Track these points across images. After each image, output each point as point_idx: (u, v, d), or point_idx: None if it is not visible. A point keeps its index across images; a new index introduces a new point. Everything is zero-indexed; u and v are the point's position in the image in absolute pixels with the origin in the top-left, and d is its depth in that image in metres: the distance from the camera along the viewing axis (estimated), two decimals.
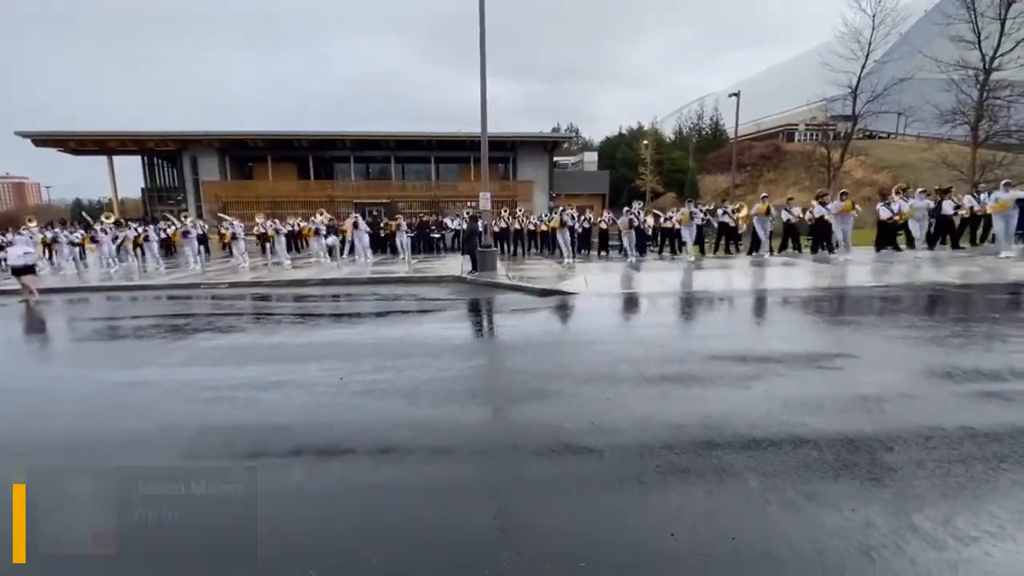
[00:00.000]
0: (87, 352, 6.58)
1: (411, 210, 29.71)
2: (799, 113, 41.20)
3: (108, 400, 4.46)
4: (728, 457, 2.98)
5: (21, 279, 10.43)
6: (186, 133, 30.86)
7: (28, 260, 10.60)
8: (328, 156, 34.07)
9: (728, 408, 3.67)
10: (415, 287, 10.87)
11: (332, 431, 3.54)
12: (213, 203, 30.53)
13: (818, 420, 3.43)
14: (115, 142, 30.77)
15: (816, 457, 2.95)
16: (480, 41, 11.66)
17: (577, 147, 56.99)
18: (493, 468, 3.04)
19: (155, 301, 10.11)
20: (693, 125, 51.04)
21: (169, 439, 3.50)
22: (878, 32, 24.88)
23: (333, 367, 4.96)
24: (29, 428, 3.93)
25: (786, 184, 35.36)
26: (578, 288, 9.26)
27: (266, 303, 9.51)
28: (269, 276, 12.74)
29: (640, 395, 4.07)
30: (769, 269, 11.14)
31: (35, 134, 28.78)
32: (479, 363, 5.31)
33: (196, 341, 6.40)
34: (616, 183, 41.04)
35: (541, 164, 34.18)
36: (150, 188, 35.14)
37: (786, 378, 4.30)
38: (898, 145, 36.25)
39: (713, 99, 48.67)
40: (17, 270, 10.44)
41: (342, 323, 7.55)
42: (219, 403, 4.19)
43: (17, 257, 10.45)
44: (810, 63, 33.20)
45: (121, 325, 7.96)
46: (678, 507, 2.53)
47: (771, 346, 5.28)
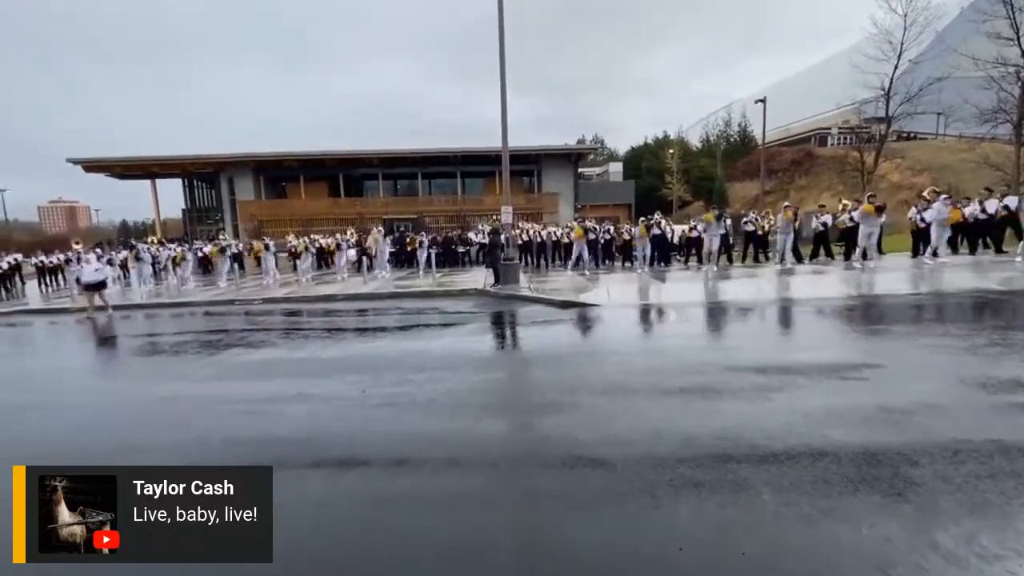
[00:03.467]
0: (128, 367, 6.93)
1: (437, 224, 30.14)
2: (830, 117, 40.24)
3: (143, 413, 4.68)
4: (743, 470, 2.93)
5: (93, 294, 11.15)
6: (223, 156, 32.18)
7: (100, 276, 11.34)
8: (357, 174, 34.96)
9: (746, 420, 3.61)
10: (438, 300, 11.02)
11: (351, 443, 3.63)
12: (249, 222, 31.69)
13: (839, 432, 3.34)
14: (157, 166, 32.36)
15: (835, 471, 2.87)
16: (500, 57, 11.88)
17: (602, 158, 56.92)
18: (505, 480, 3.07)
19: (192, 318, 10.55)
20: (720, 132, 50.39)
21: (197, 450, 3.66)
22: (910, 32, 24.20)
23: (355, 380, 5.09)
24: (68, 440, 4.16)
25: (819, 190, 34.42)
26: (599, 299, 9.23)
27: (295, 318, 9.80)
28: (299, 292, 13.12)
29: (657, 407, 4.04)
30: (796, 278, 10.87)
31: (85, 161, 30.50)
32: (497, 376, 5.35)
33: (228, 356, 6.64)
34: (643, 193, 40.75)
35: (566, 176, 34.28)
36: (190, 208, 36.73)
37: (808, 389, 4.19)
38: (937, 146, 34.90)
39: (740, 105, 47.98)
40: (90, 286, 11.14)
41: (366, 337, 7.72)
42: (246, 416, 4.35)
43: (91, 273, 11.17)
44: (840, 66, 32.45)
45: (159, 341, 8.33)
46: (689, 521, 2.51)
47: (794, 357, 5.16)
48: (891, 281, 9.44)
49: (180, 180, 35.81)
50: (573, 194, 34.23)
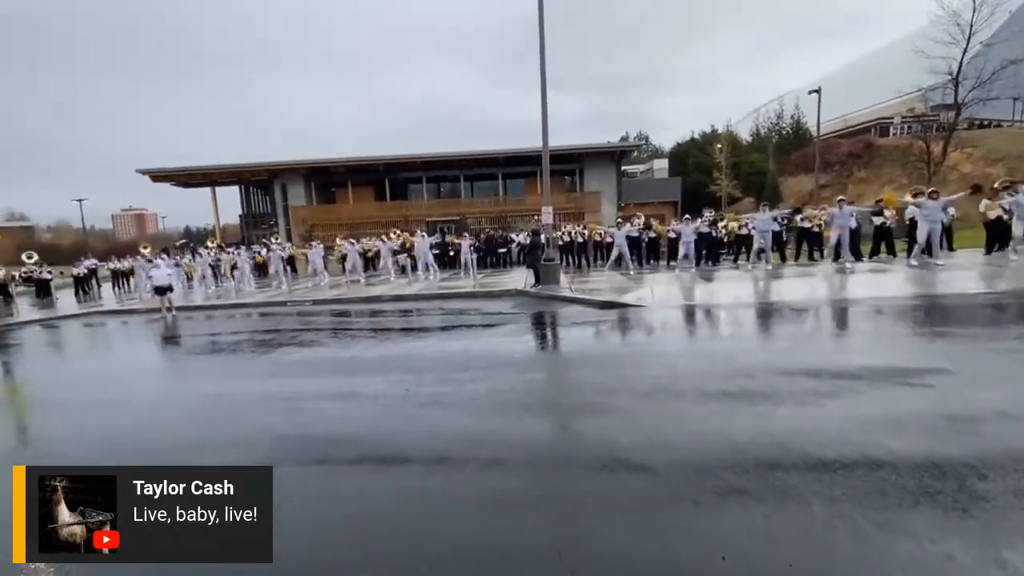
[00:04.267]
0: (187, 365, 7.38)
1: (479, 226, 30.39)
2: (892, 105, 37.87)
3: (199, 410, 4.98)
4: (792, 479, 2.82)
5: (163, 297, 11.94)
6: (276, 163, 33.66)
7: (171, 280, 12.14)
8: (402, 178, 35.73)
9: (796, 427, 3.47)
10: (479, 301, 11.13)
11: (394, 441, 3.73)
12: (301, 226, 33.00)
13: (899, 442, 3.15)
14: (217, 174, 34.16)
15: (894, 482, 2.72)
16: (540, 56, 11.87)
17: (646, 155, 55.74)
18: (545, 481, 3.08)
19: (247, 318, 11.10)
20: (772, 125, 48.26)
21: (248, 446, 3.85)
22: (980, 12, 22.52)
23: (399, 379, 5.22)
24: (127, 434, 4.46)
25: (880, 183, 32.45)
26: (641, 300, 9.07)
27: (343, 319, 10.14)
28: (347, 294, 13.56)
29: (701, 411, 3.94)
30: (854, 276, 10.30)
31: (153, 171, 32.57)
32: (537, 376, 5.36)
33: (279, 355, 6.96)
34: (689, 189, 39.59)
35: (608, 174, 33.79)
36: (247, 214, 38.58)
37: (865, 395, 3.98)
38: (1015, 134, 32.24)
39: (793, 97, 45.81)
40: (161, 289, 11.95)
41: (410, 337, 7.90)
42: (295, 413, 4.54)
43: (162, 278, 11.99)
44: (901, 51, 30.52)
45: (218, 340, 8.81)
46: (733, 530, 2.44)
47: (850, 360, 4.90)
48: (960, 279, 8.80)
49: (237, 187, 37.72)
50: (616, 192, 33.69)
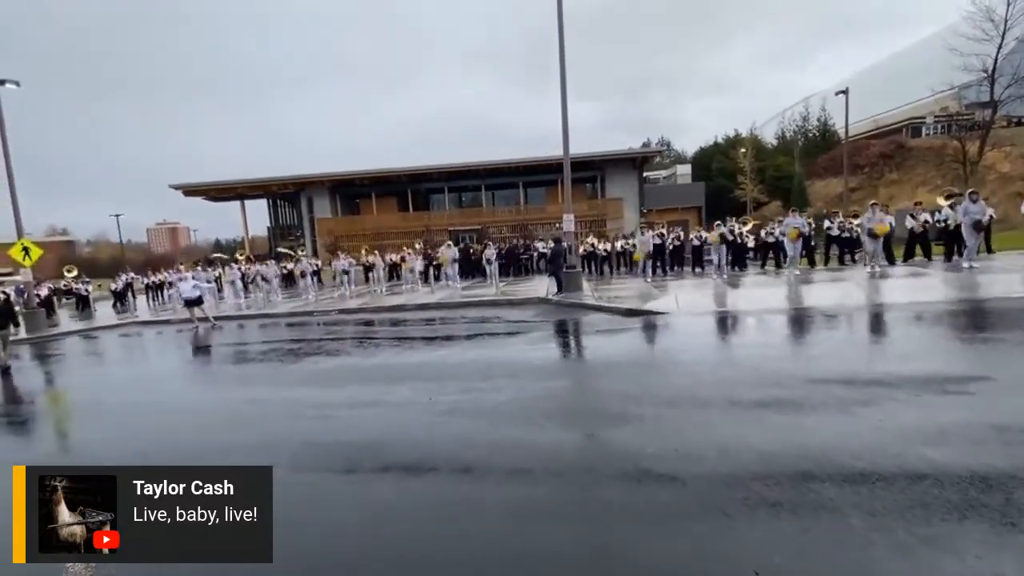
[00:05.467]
0: (219, 373, 7.58)
1: (500, 234, 30.51)
2: (924, 105, 36.75)
3: (229, 417, 5.09)
4: (827, 491, 2.72)
5: (192, 309, 12.29)
6: (302, 176, 34.49)
7: (196, 293, 12.48)
8: (424, 188, 36.18)
9: (830, 437, 3.35)
10: (502, 309, 11.14)
11: (418, 449, 3.74)
12: (326, 237, 33.67)
13: (941, 453, 3.01)
14: (245, 188, 35.17)
15: (936, 495, 2.60)
16: (560, 63, 11.92)
17: (669, 160, 55.28)
18: (570, 491, 3.03)
19: (275, 328, 11.33)
20: (798, 128, 47.35)
21: (276, 453, 3.90)
22: (1015, 7, 21.73)
23: (423, 388, 5.24)
24: (159, 439, 4.57)
25: (912, 184, 31.49)
26: (666, 307, 8.94)
27: (368, 328, 10.26)
28: (372, 303, 13.73)
29: (729, 421, 3.85)
30: (888, 281, 9.97)
31: (185, 186, 33.72)
32: (560, 384, 5.32)
33: (306, 364, 7.07)
34: (713, 194, 39.02)
35: (630, 180, 33.58)
36: (274, 226, 39.56)
37: (903, 404, 3.83)
38: None
39: (819, 98, 44.89)
40: (189, 302, 12.29)
41: (433, 346, 7.94)
42: (322, 420, 4.60)
43: (188, 291, 12.32)
44: (932, 50, 29.67)
45: (247, 349, 9.01)
46: (765, 543, 2.36)
47: (886, 368, 4.73)
48: (1002, 283, 8.44)
49: (265, 200, 38.74)
50: (638, 199, 33.44)
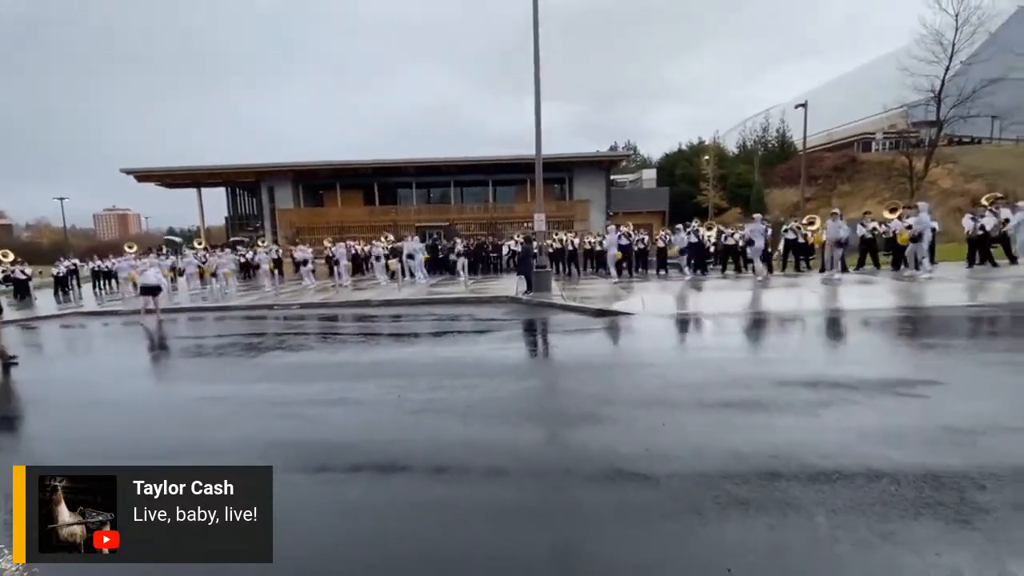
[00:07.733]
0: (173, 368, 7.20)
1: (469, 232, 30.36)
2: (875, 121, 38.76)
3: (187, 414, 4.84)
4: (794, 490, 2.80)
5: (148, 298, 11.40)
6: (263, 165, 33.35)
7: (157, 281, 11.67)
8: (392, 182, 35.61)
9: (795, 437, 3.46)
10: (471, 307, 11.07)
11: (390, 448, 3.65)
12: (288, 229, 32.67)
13: (898, 452, 3.16)
14: (203, 175, 33.72)
15: (894, 493, 2.72)
16: (535, 63, 11.93)
17: (635, 164, 56.28)
18: (545, 492, 3.02)
19: (234, 321, 10.90)
20: (758, 138, 49.09)
21: (241, 452, 3.74)
22: (962, 32, 23.18)
23: (391, 385, 5.13)
24: (116, 439, 4.31)
25: (863, 196, 33.11)
26: (634, 308, 9.08)
27: (332, 323, 10.01)
28: (336, 297, 13.41)
29: (698, 421, 3.92)
30: (842, 288, 10.45)
31: (137, 171, 32.06)
32: (532, 384, 5.31)
33: (267, 359, 6.82)
34: (677, 199, 40.03)
35: (598, 183, 34.03)
36: (233, 216, 38.13)
37: (861, 406, 4.00)
38: (992, 151, 33.11)
39: (779, 110, 46.68)
40: (148, 289, 11.40)
41: (401, 342, 7.80)
42: (287, 419, 4.43)
43: (151, 277, 11.47)
44: (885, 69, 31.30)
45: (204, 344, 8.62)
46: (737, 541, 2.41)
47: (845, 371, 4.93)
48: (947, 292, 8.96)
49: (224, 189, 37.27)
50: (605, 201, 33.94)
